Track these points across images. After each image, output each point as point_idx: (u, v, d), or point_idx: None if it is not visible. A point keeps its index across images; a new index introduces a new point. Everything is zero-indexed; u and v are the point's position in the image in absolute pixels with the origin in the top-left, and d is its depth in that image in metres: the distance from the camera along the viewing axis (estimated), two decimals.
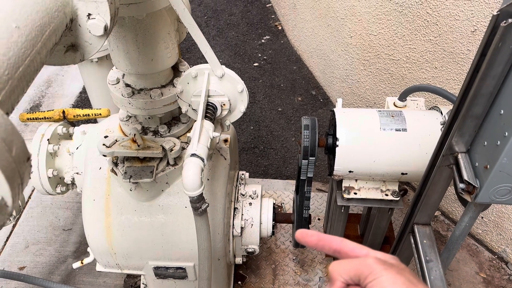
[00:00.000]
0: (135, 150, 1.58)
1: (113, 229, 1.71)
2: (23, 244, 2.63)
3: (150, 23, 1.46)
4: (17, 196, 0.63)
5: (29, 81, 0.77)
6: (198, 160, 1.36)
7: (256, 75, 3.95)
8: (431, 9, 2.30)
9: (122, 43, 1.49)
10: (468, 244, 2.62)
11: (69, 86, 3.80)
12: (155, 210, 1.70)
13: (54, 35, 0.83)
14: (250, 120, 3.53)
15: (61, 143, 1.86)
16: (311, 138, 1.73)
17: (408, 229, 1.39)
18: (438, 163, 1.17)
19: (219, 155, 1.86)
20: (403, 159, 1.65)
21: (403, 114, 1.68)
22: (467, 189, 1.08)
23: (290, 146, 3.32)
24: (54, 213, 2.79)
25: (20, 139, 0.61)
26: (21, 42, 0.73)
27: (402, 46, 2.58)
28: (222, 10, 4.70)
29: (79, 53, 0.96)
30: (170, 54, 1.60)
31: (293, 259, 2.45)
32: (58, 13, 0.83)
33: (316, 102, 3.66)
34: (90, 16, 0.90)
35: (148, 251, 1.76)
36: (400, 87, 2.71)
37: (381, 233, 2.07)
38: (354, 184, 1.82)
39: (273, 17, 4.60)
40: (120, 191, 1.69)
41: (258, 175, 3.10)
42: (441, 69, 2.38)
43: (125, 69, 1.57)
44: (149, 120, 1.73)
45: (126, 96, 1.61)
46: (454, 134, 1.10)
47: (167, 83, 1.69)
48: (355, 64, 3.08)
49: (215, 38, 4.33)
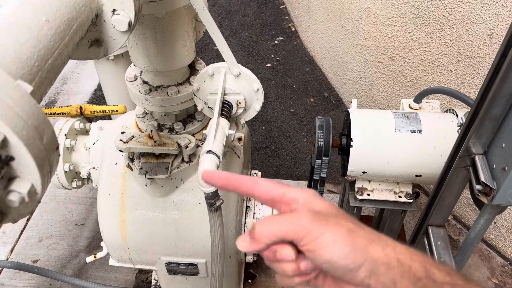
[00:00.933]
0: (151, 146, 1.60)
1: (127, 223, 1.73)
2: (37, 237, 2.67)
3: (169, 21, 1.48)
4: (46, 184, 0.65)
5: (57, 74, 0.79)
6: (214, 156, 1.37)
7: (269, 75, 3.96)
8: (447, 12, 2.30)
9: (141, 40, 1.51)
10: (480, 249, 2.60)
11: (84, 83, 3.84)
12: (169, 206, 1.71)
13: (80, 29, 0.85)
14: (262, 121, 3.54)
15: (78, 138, 1.88)
16: (325, 138, 1.73)
17: (422, 231, 1.39)
18: (455, 165, 1.17)
19: (233, 153, 1.87)
20: (417, 161, 1.65)
21: (418, 116, 1.68)
22: (483, 191, 1.08)
23: (301, 147, 3.33)
24: (68, 208, 2.83)
25: (51, 128, 0.63)
26: (50, 35, 0.75)
27: (417, 48, 2.58)
28: (236, 11, 4.72)
29: (103, 48, 0.98)
30: (188, 53, 1.61)
31: None
32: (84, 8, 0.85)
33: (329, 103, 3.66)
34: (115, 12, 0.92)
35: (161, 246, 1.78)
36: (414, 90, 2.70)
37: (393, 236, 2.06)
38: (367, 185, 1.82)
39: (287, 18, 4.61)
40: (135, 187, 1.72)
41: (269, 175, 3.11)
42: (456, 72, 2.37)
43: (143, 66, 1.59)
44: (165, 117, 1.75)
45: (143, 93, 1.63)
46: (472, 135, 1.10)
47: (183, 81, 1.71)
48: (368, 66, 3.07)
49: (229, 38, 4.35)
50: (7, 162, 0.57)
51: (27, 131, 0.57)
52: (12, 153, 0.57)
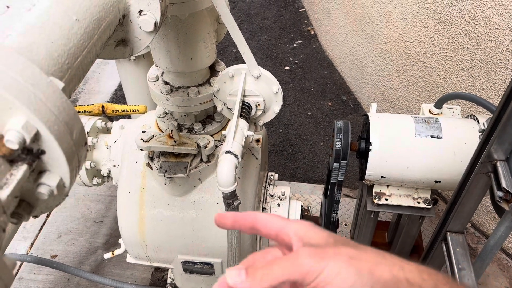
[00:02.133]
0: (171, 146, 1.62)
1: (145, 221, 1.76)
2: (56, 233, 2.72)
3: (191, 23, 1.50)
4: (74, 178, 0.67)
5: (85, 71, 0.81)
6: (233, 157, 1.39)
7: (287, 78, 3.97)
8: (470, 17, 2.27)
9: (164, 41, 1.53)
10: (499, 258, 2.56)
11: (105, 83, 3.91)
12: (187, 205, 1.73)
13: (108, 29, 0.87)
14: (279, 123, 3.54)
15: (99, 137, 1.92)
16: (344, 142, 1.73)
17: (441, 237, 1.38)
18: (476, 170, 1.16)
19: (250, 155, 1.88)
20: (437, 167, 1.63)
21: (439, 121, 1.67)
22: (505, 197, 1.07)
23: (318, 150, 3.32)
24: (87, 205, 2.88)
25: (80, 124, 0.65)
26: (80, 34, 0.77)
27: (438, 54, 2.55)
28: (255, 13, 4.74)
29: (129, 48, 1.01)
30: (209, 54, 1.63)
31: None
32: (113, 8, 0.88)
33: (347, 107, 3.64)
34: (142, 13, 0.94)
35: (178, 245, 1.80)
36: (434, 95, 2.68)
37: (410, 242, 2.04)
38: (385, 190, 1.81)
39: (306, 21, 4.61)
40: (154, 185, 1.74)
41: (285, 178, 3.11)
42: (478, 78, 2.34)
43: (165, 67, 1.61)
44: (185, 118, 1.77)
45: (164, 93, 1.66)
46: (494, 141, 1.09)
47: (204, 82, 1.73)
48: (388, 70, 3.05)
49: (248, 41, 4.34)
50: (38, 155, 0.59)
51: (58, 126, 0.59)
52: (43, 147, 0.59)
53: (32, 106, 0.55)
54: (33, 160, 0.58)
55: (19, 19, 0.70)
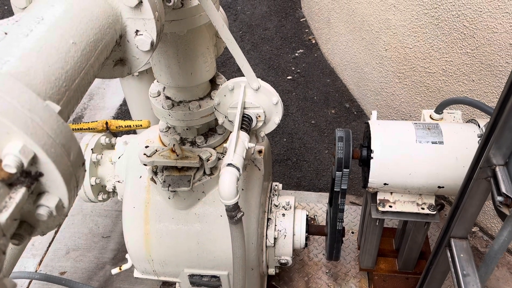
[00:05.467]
0: (174, 160, 1.64)
1: (151, 236, 1.77)
2: (64, 250, 2.74)
3: (190, 38, 1.53)
4: (73, 198, 0.68)
5: (83, 92, 0.84)
6: (234, 169, 1.40)
7: (290, 88, 3.98)
8: (467, 22, 2.28)
9: (164, 57, 1.56)
10: (509, 261, 2.53)
11: (109, 99, 3.95)
12: (191, 219, 1.75)
13: (105, 50, 0.89)
14: (283, 133, 3.56)
15: (104, 153, 1.94)
16: (345, 150, 1.74)
17: (445, 243, 1.37)
18: (475, 176, 1.16)
19: (253, 166, 1.89)
20: (439, 172, 1.63)
21: (439, 127, 1.67)
22: (505, 202, 1.07)
23: (323, 158, 3.32)
24: (94, 220, 2.90)
25: (77, 145, 0.67)
26: (77, 56, 0.79)
27: (438, 59, 2.56)
28: (257, 25, 4.78)
29: (127, 67, 1.03)
30: (209, 68, 1.66)
31: (326, 272, 2.44)
32: (109, 29, 0.90)
33: (350, 114, 3.65)
34: (138, 33, 0.97)
35: (184, 258, 1.81)
36: (436, 100, 2.68)
37: (417, 248, 2.04)
38: (389, 197, 1.81)
39: (307, 31, 4.64)
40: (159, 199, 1.76)
41: (291, 187, 3.11)
42: (478, 82, 2.34)
43: (166, 82, 1.64)
44: (187, 131, 1.79)
45: (166, 108, 1.68)
46: (492, 146, 1.10)
47: (205, 95, 1.75)
48: (390, 77, 3.06)
49: (250, 52, 4.40)
50: (36, 177, 0.61)
51: (55, 149, 0.61)
52: (41, 169, 0.61)
53: (28, 130, 0.57)
54: (31, 182, 0.59)
55: (17, 44, 0.72)
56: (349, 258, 2.49)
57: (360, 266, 2.25)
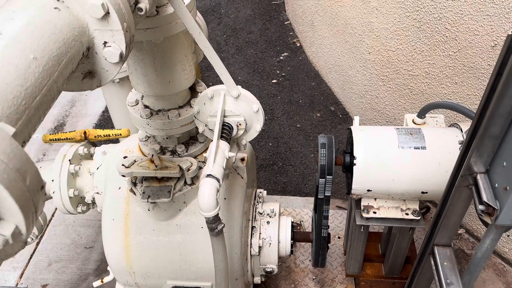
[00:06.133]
0: (153, 170, 1.60)
1: (131, 248, 1.73)
2: (46, 262, 2.68)
3: (167, 46, 1.49)
4: (31, 224, 0.64)
5: (46, 110, 0.80)
6: (214, 180, 1.37)
7: (275, 91, 3.96)
8: (449, 24, 2.28)
9: (141, 66, 1.52)
10: (495, 263, 2.54)
11: (92, 105, 3.89)
12: (173, 230, 1.71)
13: (71, 63, 0.85)
14: (268, 137, 3.53)
15: (82, 163, 1.90)
16: (328, 157, 1.71)
17: (428, 251, 1.36)
18: (457, 184, 1.15)
19: (236, 174, 1.86)
20: (422, 178, 1.62)
21: (422, 132, 1.66)
22: (487, 211, 1.06)
23: (309, 162, 3.30)
24: (77, 231, 2.84)
25: (34, 169, 0.63)
26: (38, 72, 0.75)
27: (421, 61, 2.56)
28: (241, 28, 4.76)
29: (96, 80, 0.99)
30: (187, 76, 1.62)
31: (312, 279, 2.42)
32: (74, 42, 0.86)
33: (335, 118, 3.64)
34: (106, 44, 0.93)
35: (166, 270, 1.77)
36: (420, 103, 2.68)
37: (402, 253, 2.02)
38: (373, 203, 1.79)
39: (291, 34, 4.62)
40: (139, 211, 1.71)
41: (277, 192, 3.08)
42: (461, 84, 2.35)
43: (143, 91, 1.60)
44: (167, 140, 1.75)
45: (144, 117, 1.64)
46: (473, 154, 1.08)
47: (184, 103, 1.72)
48: (374, 80, 3.06)
49: (234, 56, 4.38)
50: None
51: (8, 174, 0.57)
52: None
53: None
54: None
55: None
56: (335, 263, 2.47)
57: (346, 272, 2.23)
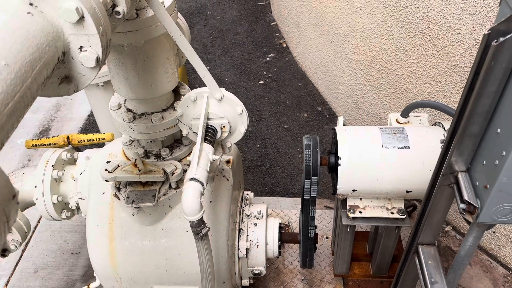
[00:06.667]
0: (137, 175, 1.58)
1: (117, 254, 1.71)
2: (32, 268, 2.64)
3: (149, 49, 1.48)
4: (3, 234, 0.63)
5: (20, 116, 0.78)
6: (197, 184, 1.36)
7: (262, 92, 3.96)
8: (432, 24, 2.30)
9: (122, 69, 1.51)
10: (481, 259, 2.56)
11: (77, 109, 3.85)
12: (158, 234, 1.69)
13: (45, 69, 0.84)
14: (256, 138, 3.53)
15: (66, 169, 1.87)
16: (313, 158, 1.72)
17: (413, 250, 1.36)
18: (439, 183, 1.15)
19: (221, 177, 1.85)
20: (406, 177, 1.63)
21: (405, 131, 1.67)
22: (468, 209, 1.06)
23: (297, 163, 3.30)
24: (63, 236, 2.80)
25: (4, 178, 0.62)
26: (10, 79, 0.74)
27: (405, 61, 2.58)
28: (227, 30, 4.75)
29: (73, 85, 0.98)
30: (170, 79, 1.61)
31: (301, 280, 2.42)
32: (49, 47, 0.85)
33: (322, 118, 3.65)
34: (82, 49, 0.92)
35: (152, 275, 1.76)
36: (405, 102, 2.69)
37: (389, 252, 2.03)
38: (359, 203, 1.80)
39: (278, 35, 4.63)
40: (123, 216, 1.70)
41: (265, 194, 3.08)
42: (445, 82, 2.36)
43: (125, 95, 1.59)
44: (151, 144, 1.74)
45: (127, 121, 1.62)
46: (453, 153, 1.09)
47: (168, 106, 1.70)
48: (359, 79, 3.07)
49: (221, 57, 4.37)
50: None
51: None
52: None
53: None
54: None
55: None
56: (324, 263, 2.48)
57: (334, 272, 2.24)
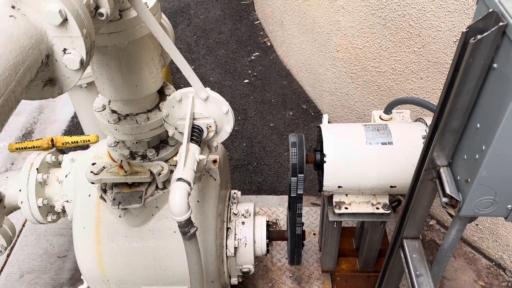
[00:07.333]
0: (123, 176, 1.58)
1: (104, 256, 1.70)
2: (18, 273, 2.61)
3: (132, 50, 1.47)
4: None
5: (4, 120, 0.78)
6: (184, 184, 1.36)
7: (247, 91, 3.97)
8: (413, 21, 2.33)
9: (106, 70, 1.50)
10: (465, 252, 2.61)
11: (61, 111, 3.80)
12: (146, 235, 1.69)
13: (29, 72, 0.84)
14: (242, 137, 3.53)
15: (51, 172, 1.86)
16: (299, 155, 1.73)
17: (398, 244, 1.39)
18: (421, 178, 1.18)
19: (208, 176, 1.86)
20: (390, 172, 1.65)
21: (388, 128, 1.69)
22: (450, 203, 1.09)
23: (283, 161, 3.32)
24: (49, 240, 2.78)
25: None
26: None
27: (387, 58, 2.61)
28: (211, 29, 4.74)
29: (57, 87, 0.97)
30: (155, 79, 1.61)
31: (290, 276, 2.44)
32: (32, 50, 0.84)
33: (308, 116, 3.67)
34: (66, 51, 0.91)
35: (141, 276, 1.75)
36: (388, 99, 2.73)
37: (375, 247, 2.06)
38: (344, 199, 1.82)
39: (262, 33, 4.64)
40: (110, 218, 1.69)
41: (252, 192, 3.09)
42: (426, 79, 2.41)
43: (110, 96, 1.58)
44: (137, 145, 1.73)
45: (112, 123, 1.62)
46: (435, 148, 1.11)
47: (153, 107, 1.70)
48: (343, 77, 3.10)
49: (205, 57, 4.36)
50: None
51: None
52: None
53: None
54: None
55: None
56: (311, 260, 2.50)
57: (322, 268, 2.26)
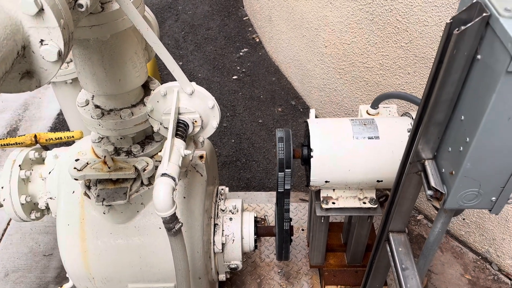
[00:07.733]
0: (107, 172, 1.56)
1: (89, 253, 1.68)
2: (3, 272, 2.57)
3: (115, 43, 1.45)
4: None
5: None
6: (169, 179, 1.34)
7: (236, 87, 3.95)
8: (400, 16, 2.33)
9: (88, 65, 1.47)
10: (452, 246, 2.63)
11: (46, 108, 3.75)
12: (131, 232, 1.67)
13: (3, 63, 0.81)
14: (231, 133, 3.52)
15: (34, 168, 1.82)
16: (286, 150, 1.72)
17: (384, 237, 1.39)
18: (407, 171, 1.18)
19: (195, 172, 1.84)
20: (377, 167, 1.65)
21: (375, 122, 1.69)
22: (435, 196, 1.09)
23: (272, 157, 3.32)
24: (34, 238, 2.74)
25: None
26: None
27: (375, 53, 2.61)
28: (199, 25, 4.71)
29: (35, 80, 0.95)
30: (139, 74, 1.59)
31: (278, 272, 2.43)
32: (7, 41, 0.82)
33: (296, 112, 3.67)
34: (43, 42, 0.89)
35: (126, 274, 1.73)
36: (375, 94, 2.73)
37: (363, 242, 2.06)
38: (332, 194, 1.82)
39: (250, 29, 4.62)
40: (95, 215, 1.67)
41: (240, 189, 3.08)
42: (414, 74, 2.41)
43: (93, 91, 1.55)
44: (122, 141, 1.71)
45: (95, 118, 1.59)
46: (420, 141, 1.11)
47: (137, 102, 1.68)
48: (331, 73, 3.10)
49: (193, 53, 4.33)
50: None
51: None
52: None
53: None
54: None
55: None
56: (300, 255, 2.50)
57: (310, 263, 2.26)
